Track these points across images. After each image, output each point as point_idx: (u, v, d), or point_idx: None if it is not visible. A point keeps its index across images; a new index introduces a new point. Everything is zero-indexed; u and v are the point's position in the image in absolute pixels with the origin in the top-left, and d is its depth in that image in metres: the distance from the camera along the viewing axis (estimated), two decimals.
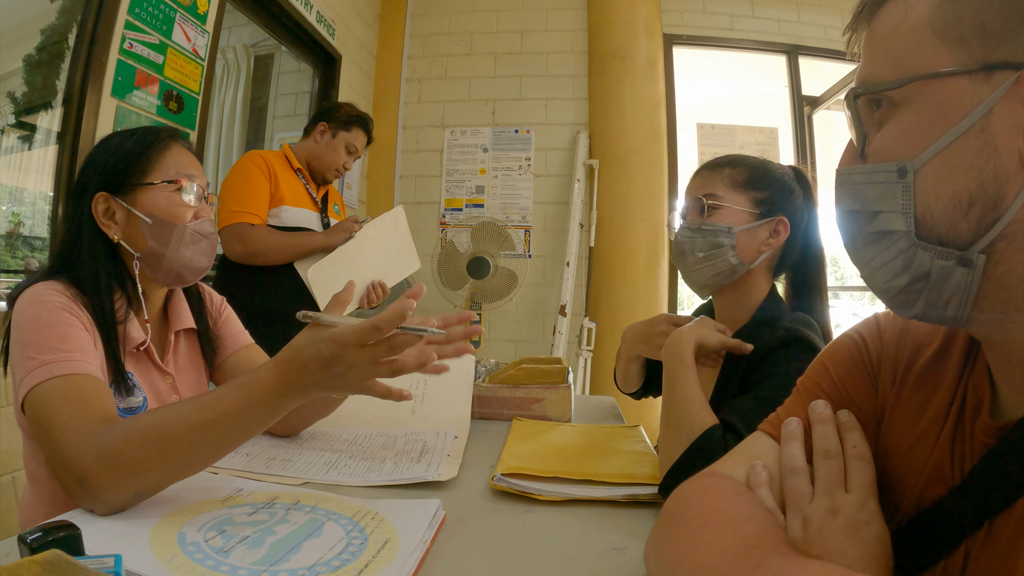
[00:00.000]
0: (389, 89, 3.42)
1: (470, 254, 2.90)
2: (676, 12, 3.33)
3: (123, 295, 0.81)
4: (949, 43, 0.37)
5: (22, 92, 1.66)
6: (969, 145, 0.36)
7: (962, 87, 0.36)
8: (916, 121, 0.38)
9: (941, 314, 0.39)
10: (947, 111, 0.37)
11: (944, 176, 0.37)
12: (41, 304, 0.72)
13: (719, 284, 0.94)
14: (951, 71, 0.37)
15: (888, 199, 0.39)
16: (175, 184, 0.82)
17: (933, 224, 0.38)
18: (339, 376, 0.60)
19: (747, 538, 0.40)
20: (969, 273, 0.37)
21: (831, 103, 3.29)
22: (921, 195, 0.38)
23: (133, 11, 1.63)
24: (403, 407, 1.06)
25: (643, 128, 3.09)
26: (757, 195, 0.92)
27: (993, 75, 0.35)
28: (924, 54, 0.38)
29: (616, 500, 0.71)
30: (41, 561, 0.36)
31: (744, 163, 0.95)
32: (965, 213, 0.36)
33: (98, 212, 0.80)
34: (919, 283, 0.39)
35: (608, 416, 1.25)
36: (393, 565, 0.52)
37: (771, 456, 0.50)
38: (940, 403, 0.45)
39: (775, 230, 0.92)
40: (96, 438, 0.61)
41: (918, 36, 0.38)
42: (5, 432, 1.34)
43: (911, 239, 0.39)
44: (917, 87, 0.38)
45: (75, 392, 0.65)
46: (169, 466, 0.61)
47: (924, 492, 0.44)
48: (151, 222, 0.80)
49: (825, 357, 0.54)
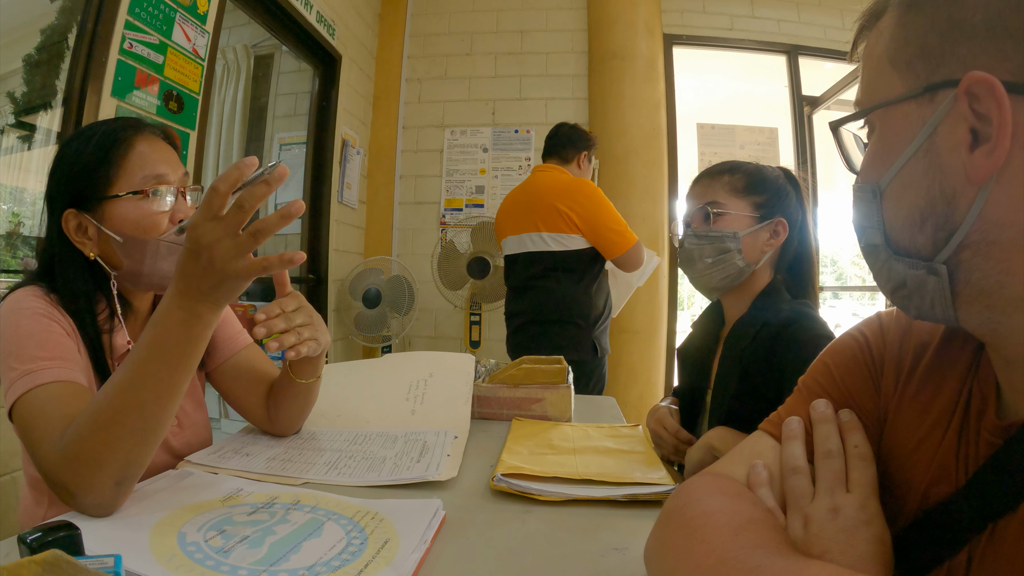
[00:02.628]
0: (389, 89, 3.42)
1: (470, 254, 2.89)
2: (676, 12, 3.33)
3: (107, 307, 0.79)
4: (899, 69, 0.39)
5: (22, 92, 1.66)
6: (919, 165, 0.38)
7: (910, 111, 0.39)
8: (880, 146, 0.41)
9: (933, 315, 0.41)
10: (900, 135, 0.39)
11: (901, 195, 0.40)
12: (20, 312, 0.71)
13: (728, 286, 1.00)
14: (900, 97, 0.39)
15: (870, 216, 0.42)
16: (141, 194, 0.76)
17: (898, 239, 0.41)
18: (209, 264, 0.57)
19: (748, 538, 0.40)
20: (939, 280, 0.38)
21: (831, 103, 3.29)
22: (887, 213, 0.41)
23: (133, 11, 1.63)
24: (403, 407, 1.06)
25: (643, 128, 3.09)
26: (756, 199, 0.98)
27: (936, 95, 0.37)
28: (882, 82, 0.41)
29: (616, 500, 0.71)
30: (41, 561, 0.36)
31: (741, 169, 1.00)
32: (920, 228, 0.39)
33: (70, 230, 0.76)
34: (902, 290, 0.42)
35: (608, 416, 1.25)
36: (393, 565, 0.52)
37: (772, 455, 0.50)
38: (945, 402, 0.45)
39: (775, 231, 0.98)
40: (59, 444, 0.61)
41: (879, 64, 0.41)
42: (5, 432, 1.34)
43: (888, 252, 0.42)
44: (878, 115, 0.41)
45: (52, 402, 0.65)
46: (129, 440, 0.60)
47: (928, 492, 0.44)
48: (122, 241, 0.76)
49: (827, 356, 0.54)
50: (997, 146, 0.34)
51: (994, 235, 0.35)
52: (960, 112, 0.35)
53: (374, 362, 1.24)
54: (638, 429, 1.03)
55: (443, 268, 2.94)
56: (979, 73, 0.34)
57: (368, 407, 1.06)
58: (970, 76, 0.34)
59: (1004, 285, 0.36)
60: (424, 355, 1.22)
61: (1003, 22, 0.34)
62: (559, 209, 1.95)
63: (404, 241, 3.42)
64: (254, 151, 3.30)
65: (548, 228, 1.98)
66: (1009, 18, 0.34)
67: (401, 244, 3.42)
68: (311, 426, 1.00)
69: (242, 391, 0.93)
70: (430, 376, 1.12)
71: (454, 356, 1.18)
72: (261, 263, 0.60)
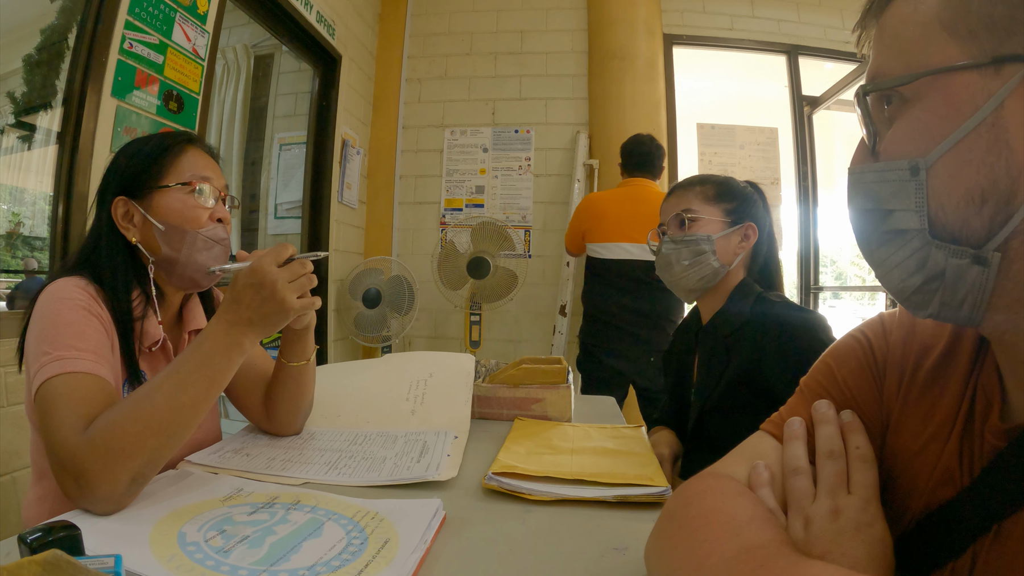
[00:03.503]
0: (389, 89, 3.42)
1: (470, 254, 2.89)
2: (676, 12, 3.33)
3: (142, 293, 0.83)
4: (958, 37, 0.36)
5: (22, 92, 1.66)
6: (980, 140, 0.35)
7: (972, 81, 0.36)
8: (927, 117, 0.37)
9: (956, 314, 0.38)
10: (958, 106, 0.36)
11: (956, 172, 0.36)
12: (63, 300, 0.73)
13: (704, 288, 1.08)
14: (961, 65, 0.36)
15: (901, 197, 0.38)
16: (189, 186, 0.83)
17: (946, 222, 0.37)
18: (269, 298, 0.70)
19: (749, 538, 0.40)
20: (984, 271, 0.36)
21: (831, 103, 3.29)
22: (934, 192, 0.37)
23: (133, 11, 1.63)
24: (403, 407, 1.06)
25: (643, 128, 3.07)
26: (727, 206, 1.07)
27: (1003, 68, 0.35)
28: (933, 49, 0.37)
29: (607, 501, 0.70)
30: (41, 561, 0.36)
31: (711, 180, 1.09)
32: (978, 210, 0.35)
33: (117, 215, 0.82)
34: (934, 282, 0.38)
35: (608, 416, 1.25)
36: (393, 565, 0.52)
37: (773, 456, 0.50)
38: (949, 404, 0.44)
39: (746, 234, 1.07)
40: (88, 433, 0.62)
41: (927, 30, 0.38)
42: (5, 432, 1.34)
43: (925, 237, 0.38)
44: (927, 82, 0.37)
45: (80, 390, 0.66)
46: (158, 438, 0.64)
47: (932, 494, 0.43)
48: (164, 228, 0.82)
49: (829, 357, 0.54)
50: None
51: None
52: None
53: (374, 362, 1.24)
54: (640, 430, 1.03)
55: (443, 268, 2.94)
56: None
57: (368, 407, 1.06)
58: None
59: None
60: (424, 355, 1.21)
61: None
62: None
63: (404, 241, 3.42)
64: (254, 151, 3.30)
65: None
66: None
67: (401, 244, 3.42)
68: (311, 426, 1.00)
69: (242, 390, 0.95)
70: (430, 376, 1.12)
71: (454, 356, 1.18)
72: (311, 302, 0.75)
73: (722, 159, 3.34)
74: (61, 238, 1.51)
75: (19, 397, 1.37)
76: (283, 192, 3.17)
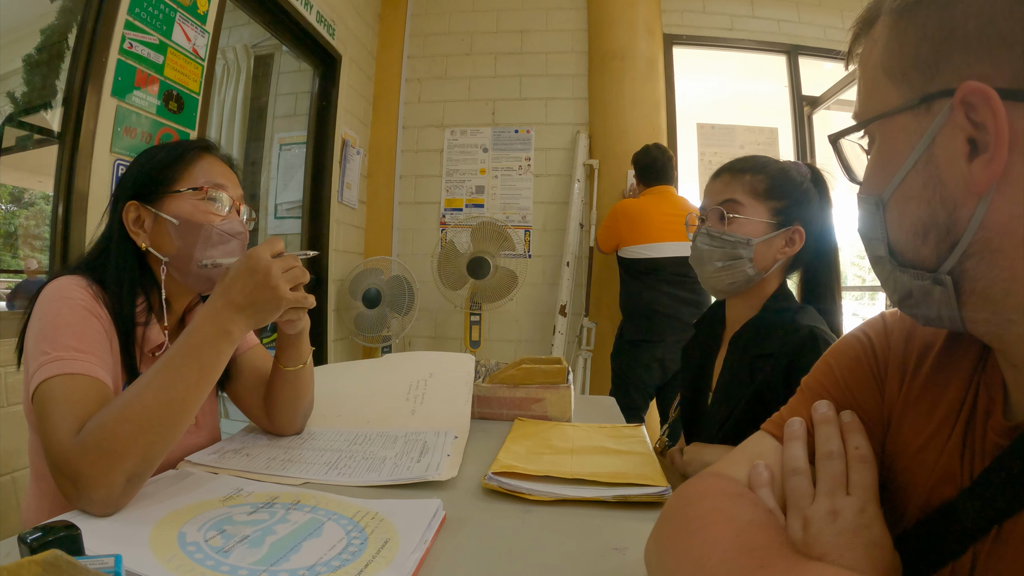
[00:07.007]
0: (389, 89, 3.42)
1: (470, 254, 2.89)
2: (676, 12, 3.33)
3: (145, 301, 0.82)
4: (894, 80, 0.39)
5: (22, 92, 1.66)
6: (919, 177, 0.38)
7: (907, 123, 0.38)
8: (879, 158, 0.41)
9: (941, 323, 0.41)
10: (899, 147, 0.39)
11: (903, 208, 0.39)
12: (64, 300, 0.73)
13: (734, 292, 0.99)
14: (895, 109, 0.39)
15: (874, 228, 0.42)
16: (201, 191, 0.82)
17: (903, 250, 0.40)
18: (263, 284, 0.70)
19: (748, 539, 0.40)
20: (944, 291, 0.38)
21: (831, 103, 3.29)
22: (891, 225, 0.41)
23: (133, 11, 1.63)
24: (403, 407, 1.06)
25: (643, 128, 3.09)
26: (776, 204, 0.95)
27: (933, 105, 0.36)
28: (878, 93, 0.40)
29: (607, 501, 0.70)
30: (41, 561, 0.36)
31: (765, 170, 0.96)
32: (924, 241, 0.38)
33: (128, 220, 0.81)
34: (909, 299, 0.41)
35: (608, 416, 1.25)
36: (393, 565, 0.52)
37: (773, 456, 0.50)
38: (951, 403, 0.44)
39: (791, 239, 0.96)
40: (80, 436, 0.62)
41: (875, 75, 0.40)
42: (5, 432, 1.34)
43: (893, 263, 0.41)
44: (876, 126, 0.41)
45: (77, 392, 0.66)
46: (149, 436, 0.63)
47: (933, 494, 0.43)
48: (178, 223, 0.81)
49: (830, 357, 0.54)
50: (995, 156, 0.33)
51: (997, 243, 0.35)
52: (957, 122, 0.35)
53: (374, 362, 1.24)
54: (640, 429, 1.03)
55: (443, 268, 2.94)
56: (974, 83, 0.33)
57: (368, 407, 1.06)
58: (965, 86, 0.34)
59: (1010, 292, 0.35)
60: (424, 355, 1.21)
61: (995, 27, 0.33)
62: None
63: (404, 241, 3.42)
64: (254, 151, 3.30)
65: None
66: (1001, 23, 0.33)
67: (401, 244, 3.42)
68: (311, 426, 1.00)
69: (243, 390, 0.95)
70: (430, 376, 1.12)
71: (454, 356, 1.18)
72: (303, 296, 0.74)
73: (722, 159, 3.33)
74: (61, 238, 1.51)
75: (19, 397, 1.36)
76: (283, 192, 3.17)
